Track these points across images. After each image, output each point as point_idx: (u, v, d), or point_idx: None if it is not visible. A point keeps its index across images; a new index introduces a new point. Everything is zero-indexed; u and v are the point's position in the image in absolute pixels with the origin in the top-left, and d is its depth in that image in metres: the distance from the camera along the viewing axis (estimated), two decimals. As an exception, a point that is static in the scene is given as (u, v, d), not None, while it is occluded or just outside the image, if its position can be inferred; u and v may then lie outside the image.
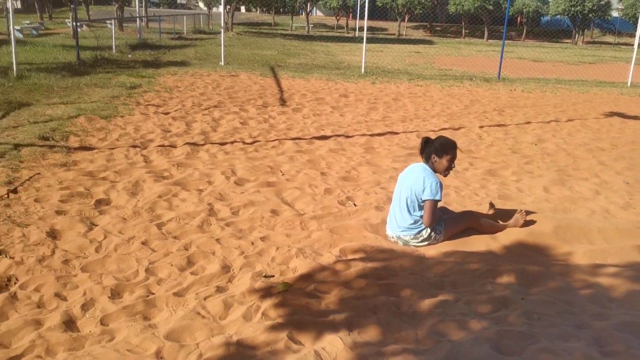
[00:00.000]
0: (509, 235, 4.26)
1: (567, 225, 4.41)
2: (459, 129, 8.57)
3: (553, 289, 3.50)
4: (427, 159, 4.20)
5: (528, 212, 4.50)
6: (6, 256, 3.68)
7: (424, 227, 4.08)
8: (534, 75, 17.00)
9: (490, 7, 42.67)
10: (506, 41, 43.08)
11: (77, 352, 2.74)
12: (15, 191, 4.84)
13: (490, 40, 42.30)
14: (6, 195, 4.72)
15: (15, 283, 3.38)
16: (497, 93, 12.68)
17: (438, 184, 4.04)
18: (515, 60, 23.06)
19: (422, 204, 4.08)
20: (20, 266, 3.56)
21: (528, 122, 9.28)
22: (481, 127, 8.75)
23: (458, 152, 4.24)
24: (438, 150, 4.12)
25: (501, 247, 4.11)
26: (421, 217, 4.09)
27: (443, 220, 4.17)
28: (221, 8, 40.11)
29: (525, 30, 46.88)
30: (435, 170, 4.16)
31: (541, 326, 3.06)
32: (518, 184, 5.84)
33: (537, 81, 15.43)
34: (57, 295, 3.26)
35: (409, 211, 4.10)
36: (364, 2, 18.82)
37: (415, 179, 4.10)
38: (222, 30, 15.89)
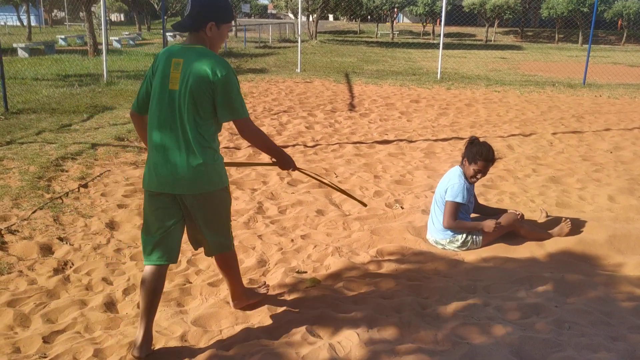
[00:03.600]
0: (557, 243, 4.09)
1: (623, 235, 4.17)
2: (529, 135, 8.27)
3: (592, 299, 3.34)
4: (461, 160, 4.14)
5: (576, 221, 4.30)
6: (67, 243, 4.03)
7: (459, 231, 4.01)
8: (627, 81, 16.00)
9: (585, 10, 40.49)
10: (604, 46, 40.89)
11: (112, 331, 2.97)
12: (85, 186, 5.27)
13: (585, 45, 40.12)
14: (77, 190, 5.14)
15: (70, 267, 3.71)
16: (579, 99, 12.06)
17: (461, 185, 3.95)
18: (608, 66, 21.77)
19: None
20: (77, 252, 3.89)
21: (607, 129, 8.77)
22: (554, 133, 8.39)
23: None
24: (470, 155, 4.04)
25: (545, 254, 3.96)
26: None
27: (482, 224, 4.07)
28: (307, 17, 40.95)
29: (625, 34, 44.10)
30: (465, 174, 4.08)
31: (570, 335, 2.93)
32: (581, 191, 5.56)
33: (628, 87, 14.50)
34: (105, 279, 3.54)
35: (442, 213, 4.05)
36: (448, 8, 18.58)
37: (444, 180, 4.07)
38: (299, 38, 16.27)
